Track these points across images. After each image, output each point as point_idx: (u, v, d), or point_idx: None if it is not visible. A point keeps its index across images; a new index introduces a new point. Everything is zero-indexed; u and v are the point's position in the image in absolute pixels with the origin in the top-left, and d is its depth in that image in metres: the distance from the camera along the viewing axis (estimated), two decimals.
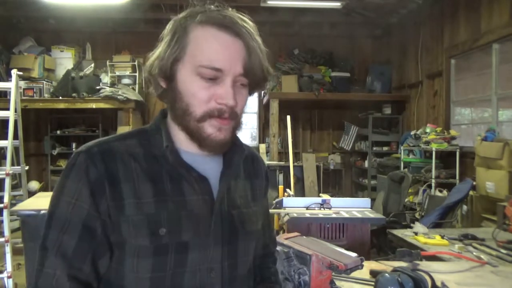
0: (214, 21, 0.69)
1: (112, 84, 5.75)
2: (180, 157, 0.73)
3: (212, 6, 0.71)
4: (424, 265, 1.56)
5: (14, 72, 3.50)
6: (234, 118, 0.72)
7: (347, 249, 1.55)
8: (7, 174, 3.13)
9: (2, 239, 2.97)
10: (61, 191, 0.68)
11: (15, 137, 3.43)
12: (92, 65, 6.00)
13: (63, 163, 6.28)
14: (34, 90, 5.46)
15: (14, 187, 3.81)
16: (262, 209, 0.89)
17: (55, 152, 6.15)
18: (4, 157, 3.75)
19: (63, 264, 0.65)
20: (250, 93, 0.76)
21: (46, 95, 5.54)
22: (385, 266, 1.52)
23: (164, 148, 0.72)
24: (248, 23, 0.71)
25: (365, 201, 2.77)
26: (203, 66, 0.68)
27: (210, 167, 0.76)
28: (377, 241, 3.69)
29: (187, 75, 0.69)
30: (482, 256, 1.69)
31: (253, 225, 0.80)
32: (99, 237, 0.67)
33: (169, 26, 0.73)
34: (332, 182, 6.74)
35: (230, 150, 0.78)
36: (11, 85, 3.44)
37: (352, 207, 2.67)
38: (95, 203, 0.67)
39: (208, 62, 0.68)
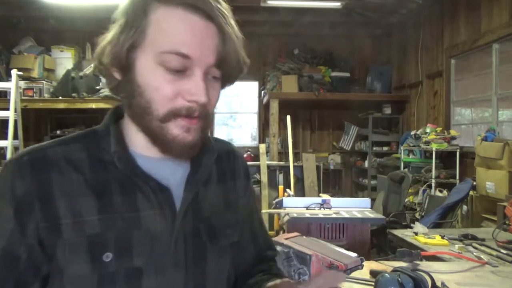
0: (181, 0, 0.56)
1: None
2: (134, 164, 0.61)
3: None
4: (424, 265, 1.56)
5: (14, 72, 3.50)
6: (204, 117, 0.60)
7: (347, 249, 1.54)
8: None
9: None
10: None
11: (15, 137, 3.43)
12: (92, 65, 5.99)
13: None
14: (34, 90, 5.45)
15: None
16: (245, 215, 0.75)
17: None
18: (4, 157, 3.75)
19: None
20: (222, 86, 0.64)
21: (46, 95, 5.54)
22: (385, 266, 1.52)
23: (112, 154, 0.60)
24: (222, 4, 0.59)
25: (365, 201, 2.77)
26: (167, 52, 0.55)
27: (173, 174, 0.64)
28: (377, 241, 3.69)
29: (148, 65, 0.57)
30: (482, 256, 1.69)
31: (228, 238, 0.68)
32: (23, 266, 0.55)
33: (123, 5, 0.59)
34: (332, 182, 6.74)
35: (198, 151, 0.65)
36: (11, 85, 3.45)
37: (352, 207, 2.67)
38: (21, 224, 0.55)
39: (173, 47, 0.55)
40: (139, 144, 0.63)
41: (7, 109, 3.42)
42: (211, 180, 0.69)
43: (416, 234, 2.07)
